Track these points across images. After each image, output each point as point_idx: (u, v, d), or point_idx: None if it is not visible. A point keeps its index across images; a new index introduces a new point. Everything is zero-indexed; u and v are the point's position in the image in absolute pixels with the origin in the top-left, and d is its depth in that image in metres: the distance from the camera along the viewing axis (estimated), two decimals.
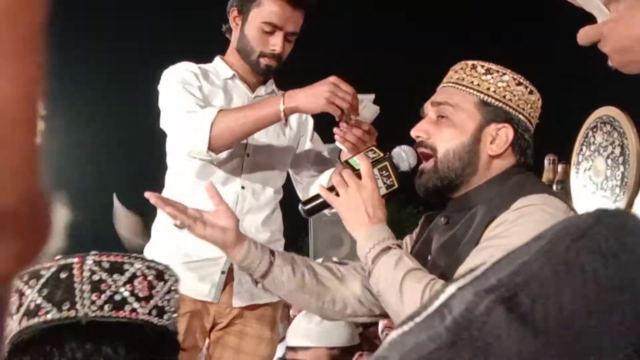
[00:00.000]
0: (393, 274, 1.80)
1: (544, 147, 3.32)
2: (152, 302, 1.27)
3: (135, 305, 1.25)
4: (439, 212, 2.04)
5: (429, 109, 2.00)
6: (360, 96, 2.40)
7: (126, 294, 1.25)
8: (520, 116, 1.94)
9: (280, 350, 3.16)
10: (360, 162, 1.92)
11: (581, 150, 3.05)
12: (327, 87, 2.34)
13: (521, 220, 1.79)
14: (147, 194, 2.06)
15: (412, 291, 1.77)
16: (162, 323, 1.28)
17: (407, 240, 2.15)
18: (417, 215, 17.80)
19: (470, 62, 1.98)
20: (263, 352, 2.75)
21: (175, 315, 1.32)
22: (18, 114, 0.37)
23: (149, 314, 1.27)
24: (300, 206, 2.01)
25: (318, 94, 2.36)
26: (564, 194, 3.03)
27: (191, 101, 2.60)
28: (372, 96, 2.43)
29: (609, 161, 2.89)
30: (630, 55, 1.28)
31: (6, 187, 0.37)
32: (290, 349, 3.13)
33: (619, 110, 2.91)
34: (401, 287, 1.78)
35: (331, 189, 1.92)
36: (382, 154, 1.96)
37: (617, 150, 2.86)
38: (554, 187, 3.07)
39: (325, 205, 1.95)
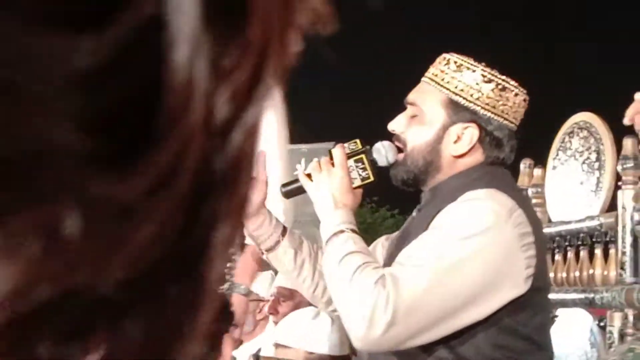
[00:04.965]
0: (335, 256, 1.86)
1: (521, 152, 3.34)
2: None
3: None
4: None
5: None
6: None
7: None
8: (489, 114, 1.95)
9: (254, 347, 3.14)
10: (336, 151, 2.00)
11: (557, 155, 3.07)
12: None
13: None
14: None
15: (344, 273, 1.83)
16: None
17: (383, 240, 2.19)
18: (390, 218, 17.78)
19: (447, 57, 2.00)
20: None
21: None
22: None
23: None
24: (279, 187, 2.09)
25: None
26: (540, 198, 3.06)
27: None
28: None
29: (585, 166, 2.91)
30: None
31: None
32: (275, 345, 3.12)
33: (596, 116, 2.93)
34: (338, 268, 1.85)
35: (309, 175, 2.01)
36: (361, 147, 2.03)
37: (593, 156, 2.88)
38: (530, 191, 3.08)
39: (301, 189, 2.04)
